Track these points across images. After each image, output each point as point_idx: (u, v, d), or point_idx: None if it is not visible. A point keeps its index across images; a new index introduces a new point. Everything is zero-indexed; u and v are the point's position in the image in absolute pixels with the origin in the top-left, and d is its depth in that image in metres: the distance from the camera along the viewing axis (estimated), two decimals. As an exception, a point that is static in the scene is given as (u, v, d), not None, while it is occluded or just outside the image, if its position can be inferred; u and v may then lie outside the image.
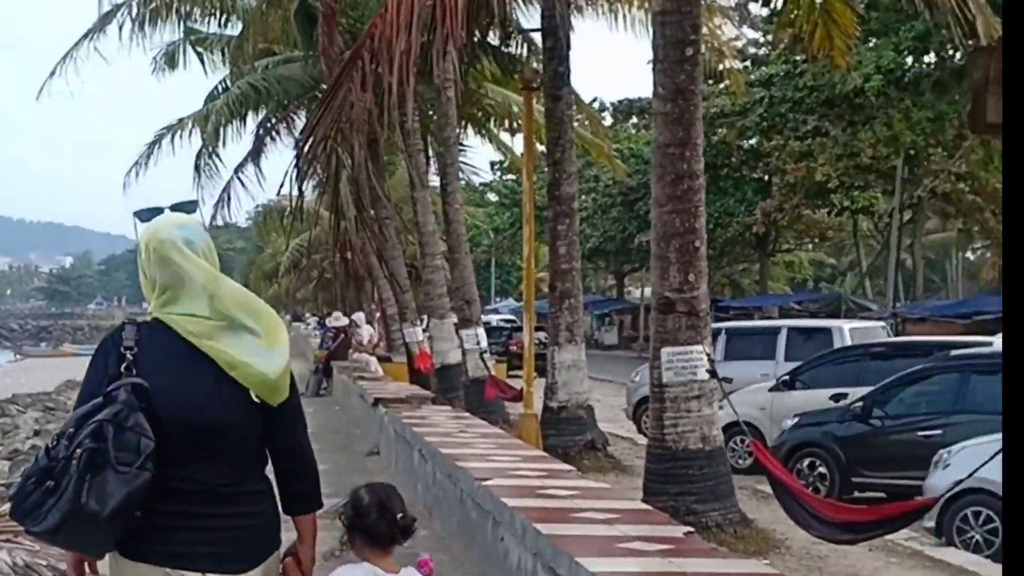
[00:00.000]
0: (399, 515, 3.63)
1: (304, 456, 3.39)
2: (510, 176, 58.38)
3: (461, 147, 22.21)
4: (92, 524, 2.94)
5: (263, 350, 3.16)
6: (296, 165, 12.94)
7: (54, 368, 47.74)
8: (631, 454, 14.19)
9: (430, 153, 20.88)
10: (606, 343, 56.60)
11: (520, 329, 46.22)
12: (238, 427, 3.16)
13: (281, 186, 13.86)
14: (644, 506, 6.21)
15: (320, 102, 13.03)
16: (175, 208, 3.26)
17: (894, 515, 7.38)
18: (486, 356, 17.84)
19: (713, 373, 9.13)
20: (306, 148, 12.84)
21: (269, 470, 3.34)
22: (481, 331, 18.12)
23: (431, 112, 18.89)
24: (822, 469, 12.63)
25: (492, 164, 56.53)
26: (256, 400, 3.16)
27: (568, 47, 13.49)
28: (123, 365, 3.09)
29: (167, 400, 3.06)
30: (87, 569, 3.22)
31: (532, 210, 13.12)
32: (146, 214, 3.24)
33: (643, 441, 16.19)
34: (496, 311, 55.46)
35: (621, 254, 53.87)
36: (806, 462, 12.76)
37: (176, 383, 3.09)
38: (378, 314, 30.02)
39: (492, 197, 66.34)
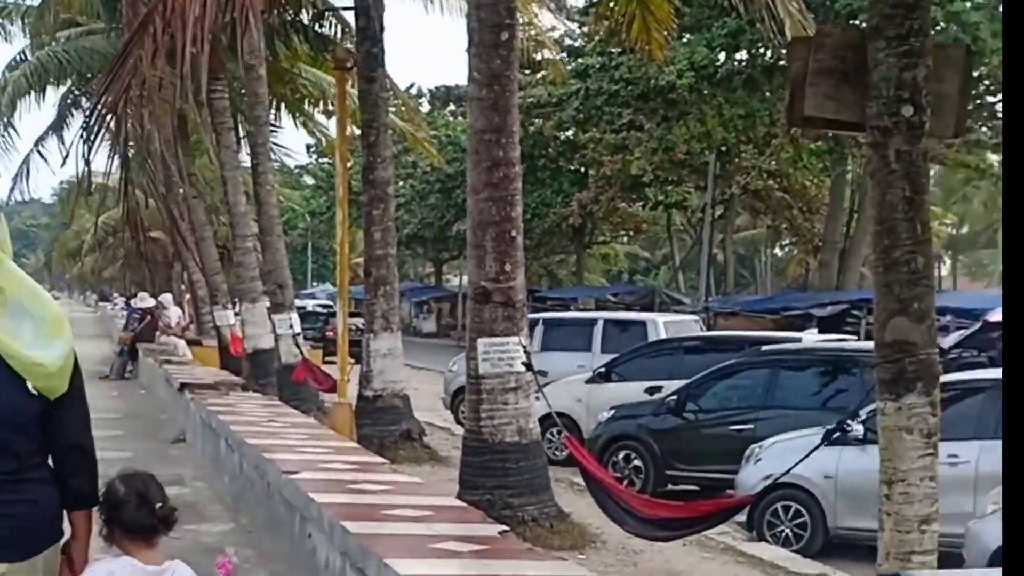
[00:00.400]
0: (158, 504, 3.45)
1: (83, 452, 3.31)
2: (326, 160, 57.46)
3: (273, 127, 21.55)
4: None
5: (45, 341, 3.10)
6: (83, 136, 12.23)
7: None
8: (448, 444, 14.02)
9: (241, 133, 20.16)
10: (424, 331, 56.35)
11: (352, 315, 45.73)
12: (12, 416, 3.09)
13: (65, 158, 13.13)
14: (458, 503, 6.02)
15: (107, 69, 12.28)
16: None
17: (710, 512, 7.38)
18: (299, 340, 17.37)
19: (529, 365, 8.99)
20: (92, 119, 12.11)
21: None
22: (295, 316, 17.62)
23: (242, 91, 18.21)
24: (637, 462, 12.73)
25: (308, 147, 55.57)
26: (34, 392, 3.10)
27: (382, 28, 13.14)
28: None
29: None
30: None
31: (346, 193, 12.75)
32: None
33: (460, 431, 16.09)
34: (312, 296, 54.49)
35: (439, 242, 53.72)
36: (621, 455, 12.83)
37: None
38: (187, 296, 28.98)
39: (308, 180, 65.25)
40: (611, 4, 14.53)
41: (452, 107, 54.84)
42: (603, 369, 15.58)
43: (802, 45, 5.48)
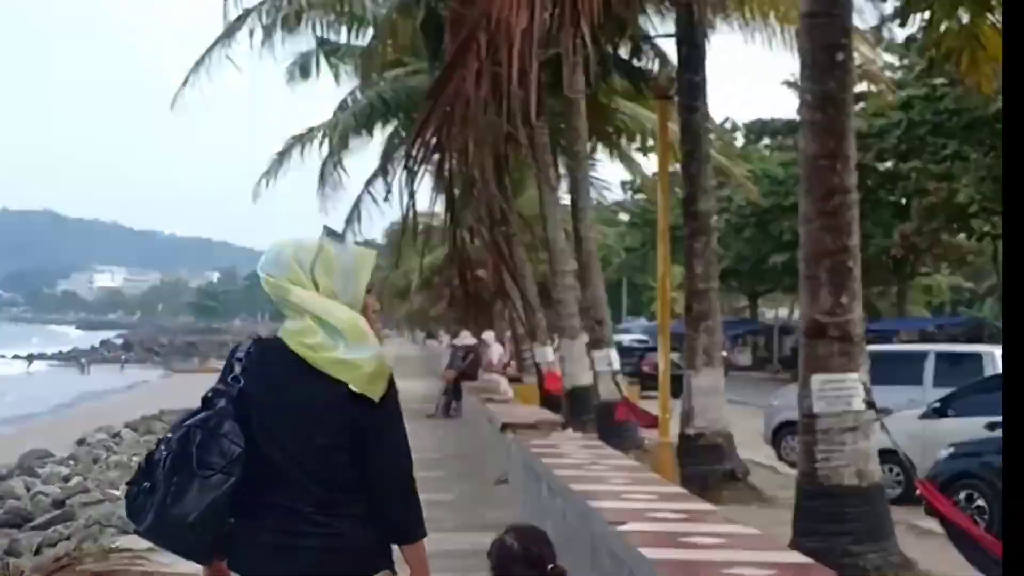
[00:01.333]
0: (550, 567, 3.42)
1: (402, 477, 3.25)
2: (641, 196, 57.87)
3: (591, 161, 21.62)
4: (179, 527, 3.05)
5: (362, 347, 3.18)
6: (406, 167, 12.53)
7: (200, 383, 48.63)
8: (773, 483, 13.42)
9: (560, 170, 20.36)
10: (739, 364, 55.33)
11: (653, 349, 45.56)
12: (330, 432, 3.15)
13: (387, 194, 13.44)
14: (803, 558, 5.54)
15: (427, 96, 12.45)
16: (330, 234, 3.35)
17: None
18: (619, 378, 17.27)
19: (871, 404, 8.40)
20: (414, 149, 12.36)
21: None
22: (614, 352, 17.60)
23: (562, 126, 18.35)
24: (980, 502, 11.72)
25: (623, 184, 55.95)
26: (358, 406, 3.14)
27: (704, 55, 12.85)
28: (231, 375, 3.21)
29: (262, 410, 3.15)
30: None
31: (667, 226, 12.49)
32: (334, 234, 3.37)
33: (784, 469, 15.55)
34: (627, 331, 54.68)
35: (754, 275, 52.82)
36: (963, 494, 11.86)
37: (273, 393, 3.16)
38: (508, 333, 29.67)
39: (623, 217, 65.75)
40: (936, 38, 13.72)
41: (767, 140, 53.87)
42: (938, 404, 14.56)
43: None
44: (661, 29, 17.46)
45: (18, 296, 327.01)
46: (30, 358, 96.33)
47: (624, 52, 18.24)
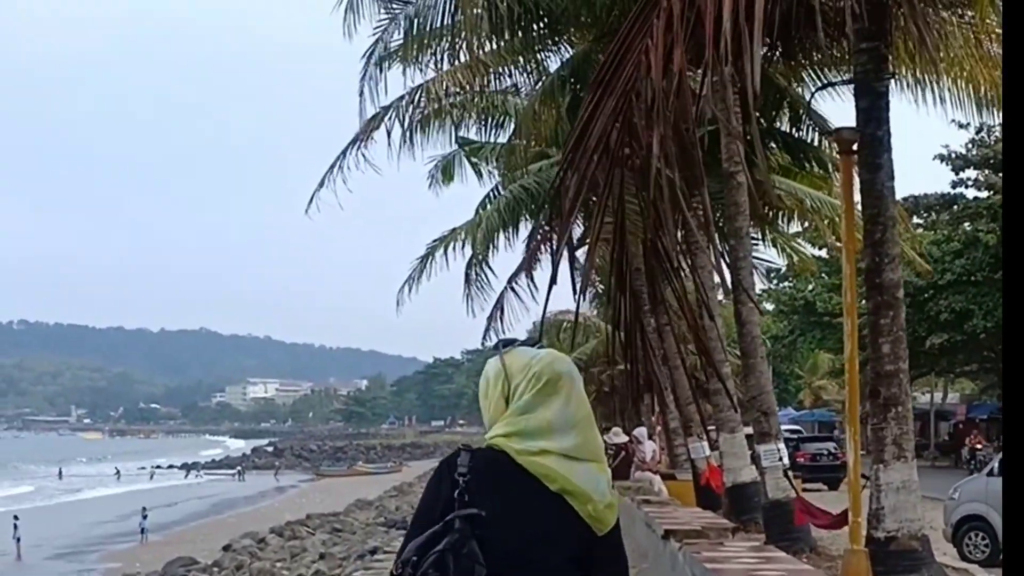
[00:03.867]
0: None
1: None
2: (786, 283, 56.51)
3: (753, 239, 20.30)
4: None
5: (596, 475, 3.17)
6: (572, 282, 11.52)
7: (347, 487, 48.60)
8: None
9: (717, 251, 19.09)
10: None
11: (807, 439, 43.67)
12: (561, 554, 3.11)
13: (548, 295, 12.41)
14: None
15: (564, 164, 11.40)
16: (525, 343, 3.34)
17: None
18: (790, 474, 15.82)
19: None
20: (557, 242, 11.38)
21: None
22: (782, 446, 16.14)
23: (720, 202, 17.15)
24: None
25: (767, 272, 54.30)
26: (585, 535, 3.12)
27: (888, 105, 11.44)
28: (456, 491, 3.11)
29: (496, 529, 3.07)
30: None
31: (854, 299, 11.01)
32: (509, 344, 3.34)
33: (975, 569, 14.02)
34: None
35: (910, 357, 50.21)
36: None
37: (506, 512, 3.09)
38: (659, 428, 28.14)
39: (768, 306, 64.02)
40: None
41: (917, 219, 51.58)
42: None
43: None
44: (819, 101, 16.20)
45: (176, 410, 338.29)
46: (187, 468, 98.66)
47: (782, 123, 17.05)
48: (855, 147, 10.95)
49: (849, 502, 11.08)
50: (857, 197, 11.56)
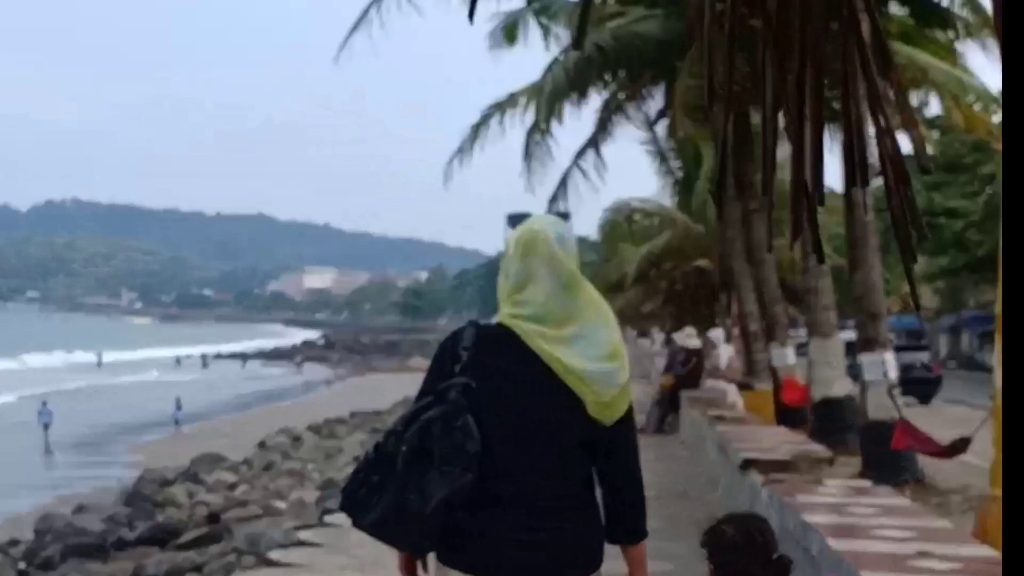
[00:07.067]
0: (775, 555, 3.10)
1: (631, 481, 3.22)
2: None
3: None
4: (413, 521, 3.02)
5: (604, 364, 3.08)
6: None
7: (396, 383, 46.85)
8: None
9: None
10: (989, 366, 49.65)
11: (902, 349, 39.69)
12: (563, 437, 3.09)
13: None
14: None
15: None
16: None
17: None
18: (895, 392, 13.16)
19: None
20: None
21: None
22: (890, 356, 13.48)
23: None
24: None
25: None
26: (591, 422, 3.08)
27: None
28: (457, 365, 3.09)
29: (494, 403, 3.05)
30: (419, 570, 3.23)
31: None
32: (517, 219, 3.48)
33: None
34: (841, 328, 49.97)
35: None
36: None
37: (506, 387, 3.07)
38: (736, 331, 25.32)
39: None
40: None
41: None
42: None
43: None
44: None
45: (229, 296, 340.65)
46: (241, 357, 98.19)
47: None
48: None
49: (992, 432, 8.32)
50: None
